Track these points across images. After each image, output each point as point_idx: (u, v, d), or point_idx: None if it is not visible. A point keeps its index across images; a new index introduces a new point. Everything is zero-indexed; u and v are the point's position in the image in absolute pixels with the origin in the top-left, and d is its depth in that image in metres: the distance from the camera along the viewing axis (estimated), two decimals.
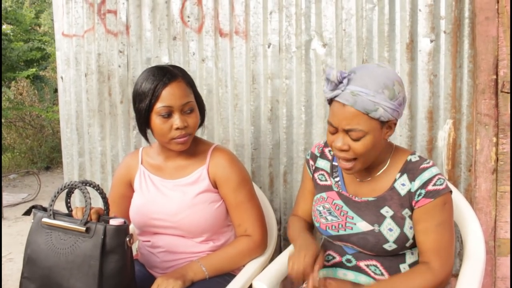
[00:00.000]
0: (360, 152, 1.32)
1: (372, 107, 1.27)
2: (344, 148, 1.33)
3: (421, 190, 1.35)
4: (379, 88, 1.28)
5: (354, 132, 1.30)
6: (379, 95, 1.27)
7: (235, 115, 2.24)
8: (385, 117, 1.29)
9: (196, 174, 1.64)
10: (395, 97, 1.29)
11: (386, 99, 1.28)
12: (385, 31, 2.01)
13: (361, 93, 1.27)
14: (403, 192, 1.38)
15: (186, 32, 2.28)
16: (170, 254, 1.65)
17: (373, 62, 2.03)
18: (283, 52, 2.15)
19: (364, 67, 1.34)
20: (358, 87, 1.28)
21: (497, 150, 1.91)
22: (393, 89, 1.29)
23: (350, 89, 1.29)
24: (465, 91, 1.96)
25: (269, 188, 2.23)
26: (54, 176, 6.79)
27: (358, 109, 1.28)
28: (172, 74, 1.54)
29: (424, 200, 1.35)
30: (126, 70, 2.39)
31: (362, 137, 1.31)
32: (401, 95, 1.31)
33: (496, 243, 1.95)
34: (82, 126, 2.50)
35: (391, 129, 1.36)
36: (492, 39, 1.86)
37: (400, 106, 1.32)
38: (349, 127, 1.30)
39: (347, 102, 1.29)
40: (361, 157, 1.34)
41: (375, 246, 1.39)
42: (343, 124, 1.31)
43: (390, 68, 1.35)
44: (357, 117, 1.29)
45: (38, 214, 1.46)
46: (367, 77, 1.29)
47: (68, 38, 2.48)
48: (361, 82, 1.29)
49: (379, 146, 1.36)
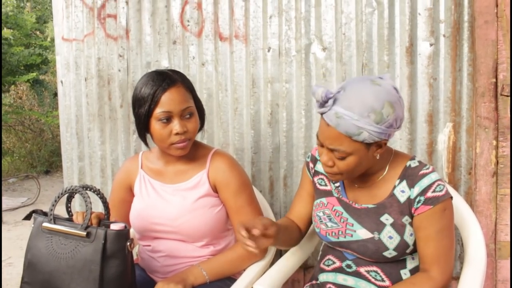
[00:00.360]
0: (344, 170, 1.33)
1: (355, 131, 1.25)
2: (329, 164, 1.34)
3: (420, 197, 1.34)
4: (364, 112, 1.23)
5: (337, 152, 1.30)
6: (364, 119, 1.23)
7: (235, 119, 2.24)
8: (370, 140, 1.26)
9: (196, 178, 1.64)
10: (382, 121, 1.24)
11: (371, 123, 1.24)
12: (385, 35, 2.01)
13: (345, 116, 1.24)
14: (403, 199, 1.37)
15: (186, 36, 2.28)
16: (170, 259, 1.65)
17: (375, 68, 2.03)
18: (283, 56, 2.15)
19: (356, 84, 1.29)
20: (342, 109, 1.24)
21: (497, 153, 1.91)
22: (381, 112, 1.24)
23: (334, 109, 1.25)
24: (465, 95, 1.97)
25: (269, 192, 2.23)
26: (54, 180, 6.78)
27: (340, 132, 1.26)
28: (171, 79, 1.54)
29: (423, 207, 1.33)
30: (126, 74, 2.39)
31: (346, 157, 1.30)
32: (391, 118, 1.26)
33: (496, 246, 1.95)
34: (82, 130, 2.50)
35: (381, 147, 1.33)
36: (491, 42, 1.87)
37: (390, 128, 1.27)
38: (332, 147, 1.30)
39: (330, 122, 1.27)
40: (345, 173, 1.35)
41: (375, 253, 1.38)
42: (327, 143, 1.31)
43: (387, 84, 1.29)
44: (340, 139, 1.27)
45: (39, 218, 1.46)
46: (354, 98, 1.25)
47: (68, 43, 2.48)
48: (347, 104, 1.25)
49: (366, 163, 1.34)
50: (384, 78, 1.31)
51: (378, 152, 1.33)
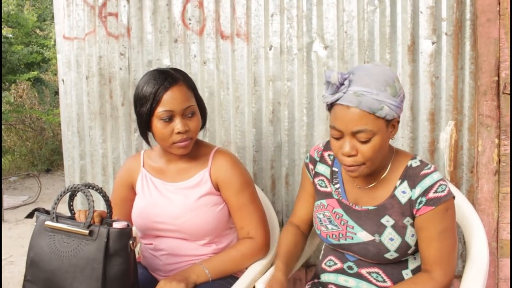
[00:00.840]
0: (369, 155, 1.28)
1: (377, 105, 1.24)
2: (353, 153, 1.29)
3: (421, 198, 1.32)
4: (381, 86, 1.25)
5: (363, 133, 1.26)
6: (382, 93, 1.25)
7: (236, 117, 2.24)
8: (390, 115, 1.26)
9: (198, 177, 1.64)
10: (397, 94, 1.28)
11: (389, 96, 1.26)
12: (387, 33, 2.01)
13: (365, 93, 1.24)
14: (404, 200, 1.35)
15: (187, 35, 2.28)
16: (172, 257, 1.65)
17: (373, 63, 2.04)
18: (284, 54, 2.15)
19: (362, 68, 1.31)
20: (360, 87, 1.25)
21: (499, 152, 1.91)
22: (395, 86, 1.27)
23: (352, 90, 1.25)
24: (467, 93, 1.96)
25: (271, 190, 2.23)
26: (55, 179, 6.78)
27: (364, 110, 1.24)
28: (173, 78, 1.54)
29: (425, 208, 1.32)
30: (127, 73, 2.39)
31: (371, 138, 1.27)
32: (402, 92, 1.31)
33: (498, 245, 1.95)
34: (83, 128, 2.50)
35: (394, 128, 1.33)
36: (493, 40, 1.87)
37: (402, 103, 1.31)
38: (357, 128, 1.25)
39: (351, 103, 1.24)
40: (369, 160, 1.29)
41: (376, 255, 1.37)
42: (350, 126, 1.26)
43: (386, 67, 1.35)
44: (364, 117, 1.25)
45: (41, 217, 1.46)
46: (367, 76, 1.26)
47: (69, 41, 2.48)
48: (363, 82, 1.25)
49: (385, 148, 1.33)
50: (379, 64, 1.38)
51: (393, 134, 1.34)
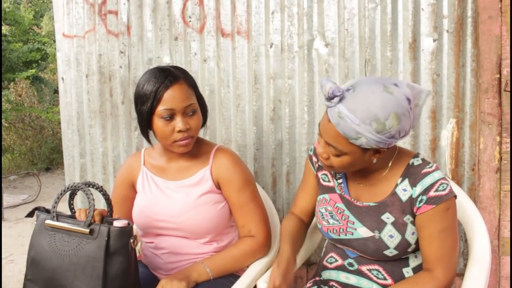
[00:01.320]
0: (337, 166, 1.34)
1: (353, 135, 1.23)
2: (324, 156, 1.35)
3: (422, 197, 1.32)
4: (367, 119, 1.20)
5: (333, 149, 1.29)
6: (364, 125, 1.20)
7: (237, 115, 2.23)
8: (367, 146, 1.25)
9: (199, 175, 1.63)
10: (383, 131, 1.21)
11: (371, 131, 1.21)
12: (388, 31, 2.00)
13: (346, 118, 1.21)
14: (405, 198, 1.35)
15: (187, 32, 2.27)
16: (173, 256, 1.64)
17: (378, 64, 2.02)
18: (285, 52, 2.14)
19: (367, 86, 1.24)
20: (346, 110, 1.21)
21: (500, 149, 1.90)
22: (384, 123, 1.20)
23: (338, 108, 1.22)
24: (468, 90, 1.95)
25: (272, 188, 2.22)
26: (54, 177, 6.78)
27: (338, 131, 1.24)
28: (174, 76, 1.53)
29: (425, 206, 1.31)
30: (128, 71, 2.38)
31: (341, 155, 1.30)
32: (394, 130, 1.22)
33: (500, 242, 1.95)
34: (83, 127, 2.50)
35: (379, 153, 1.31)
36: (495, 38, 1.86)
37: (391, 139, 1.24)
38: (330, 141, 1.29)
39: (332, 119, 1.25)
40: (339, 169, 1.36)
41: (375, 252, 1.37)
42: (325, 136, 1.31)
43: (400, 94, 1.23)
44: (337, 137, 1.26)
45: (41, 216, 1.45)
46: (361, 102, 1.21)
47: (69, 39, 2.47)
48: (352, 106, 1.21)
49: (360, 164, 1.34)
50: (399, 85, 1.25)
51: (375, 157, 1.32)
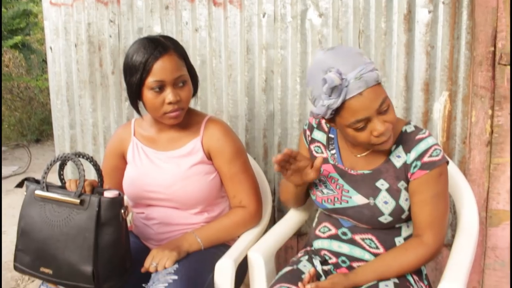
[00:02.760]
0: (394, 120, 1.29)
1: (374, 74, 1.24)
2: (386, 126, 1.27)
3: (416, 162, 1.34)
4: (360, 58, 1.25)
5: (385, 103, 1.26)
6: (368, 65, 1.24)
7: (229, 86, 2.21)
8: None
9: (190, 145, 1.62)
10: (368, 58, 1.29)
11: (368, 61, 1.26)
12: (383, 1, 1.97)
13: (361, 71, 1.22)
14: (399, 164, 1.37)
15: (178, 1, 2.22)
16: (164, 226, 1.65)
17: (372, 35, 2.00)
18: (278, 22, 2.10)
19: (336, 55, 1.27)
20: (353, 71, 1.22)
21: (492, 123, 1.91)
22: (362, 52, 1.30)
23: (350, 77, 1.22)
24: (462, 63, 1.94)
25: (263, 159, 2.22)
26: (45, 149, 6.73)
27: (372, 85, 1.23)
28: (163, 47, 1.50)
29: (420, 172, 1.33)
30: (117, 40, 2.34)
31: (390, 104, 1.28)
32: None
33: (488, 214, 1.97)
34: (72, 97, 2.46)
35: None
36: (491, 10, 1.84)
37: None
38: (379, 101, 1.25)
39: (360, 88, 1.22)
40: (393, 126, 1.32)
41: (370, 219, 1.38)
42: (374, 105, 1.24)
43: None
44: (377, 90, 1.25)
45: (31, 186, 1.44)
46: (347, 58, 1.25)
47: (57, 7, 2.41)
48: (350, 66, 1.23)
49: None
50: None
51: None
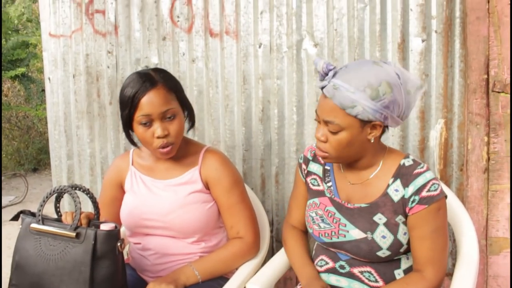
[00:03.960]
0: (334, 147, 1.33)
1: (349, 103, 1.25)
2: (322, 139, 1.34)
3: (415, 197, 1.32)
4: (361, 86, 1.25)
5: (331, 125, 1.30)
6: (359, 92, 1.24)
7: (226, 116, 2.22)
8: (364, 117, 1.26)
9: (188, 175, 1.62)
10: (378, 98, 1.25)
11: (366, 98, 1.24)
12: (377, 31, 2.00)
13: (341, 88, 1.26)
14: (397, 198, 1.35)
15: (175, 32, 2.25)
16: (161, 257, 1.63)
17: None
18: (274, 52, 2.13)
19: (358, 63, 1.33)
20: (340, 81, 1.27)
21: (488, 149, 1.91)
22: (377, 89, 1.25)
23: (333, 82, 1.28)
24: (457, 91, 1.96)
25: (261, 189, 2.21)
26: (42, 178, 6.70)
27: (335, 103, 1.27)
28: (151, 81, 1.51)
29: (418, 206, 1.32)
30: (115, 71, 2.36)
31: (339, 132, 1.30)
32: (388, 97, 1.25)
33: (488, 242, 1.96)
34: (70, 128, 2.47)
35: (375, 130, 1.32)
36: (483, 38, 1.86)
37: (386, 109, 1.26)
38: (327, 119, 1.30)
39: (328, 94, 1.29)
40: (335, 152, 1.34)
41: (368, 253, 1.37)
42: (323, 115, 1.32)
43: (389, 68, 1.29)
44: (334, 111, 1.28)
45: (27, 219, 1.43)
46: (354, 72, 1.27)
47: (56, 38, 2.44)
48: (345, 77, 1.27)
49: (358, 145, 1.33)
50: (388, 63, 1.32)
51: (372, 135, 1.32)
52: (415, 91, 1.32)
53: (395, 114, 1.29)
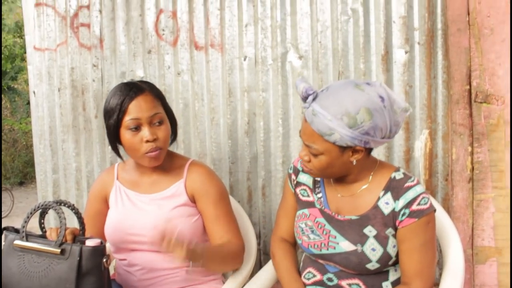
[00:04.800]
0: (317, 167, 1.35)
1: (326, 130, 1.26)
2: (305, 158, 1.37)
3: (405, 210, 1.33)
4: (338, 114, 1.25)
5: (311, 149, 1.32)
6: (336, 120, 1.25)
7: (212, 129, 2.22)
8: (342, 143, 1.27)
9: (173, 188, 1.62)
10: (355, 126, 1.24)
11: (343, 126, 1.24)
12: (361, 43, 2.02)
13: (319, 115, 1.27)
14: (387, 211, 1.35)
15: (161, 46, 2.25)
16: (148, 272, 1.61)
17: (351, 76, 2.04)
18: (259, 65, 2.14)
19: (339, 86, 1.30)
20: (319, 107, 1.27)
21: (472, 159, 1.93)
22: (355, 117, 1.24)
23: (312, 106, 1.29)
24: (440, 101, 1.99)
25: (247, 202, 2.21)
26: (28, 192, 6.64)
27: (313, 129, 1.29)
28: (138, 88, 1.55)
29: (408, 220, 1.32)
30: (101, 84, 2.35)
31: (318, 155, 1.32)
32: (367, 125, 1.25)
33: (474, 251, 1.97)
34: (56, 142, 2.45)
35: (357, 153, 1.32)
36: (464, 50, 1.90)
37: (365, 135, 1.26)
38: (307, 142, 1.33)
39: (307, 118, 1.31)
40: (318, 171, 1.37)
41: (358, 265, 1.36)
42: (304, 137, 1.34)
43: (372, 91, 1.27)
44: (313, 136, 1.30)
45: (10, 236, 1.41)
46: (332, 98, 1.27)
47: (40, 52, 2.43)
48: (324, 102, 1.27)
49: (340, 166, 1.34)
50: (372, 84, 1.30)
51: (354, 158, 1.32)
52: (400, 112, 1.32)
53: (377, 138, 1.29)
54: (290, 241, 1.61)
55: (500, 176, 1.92)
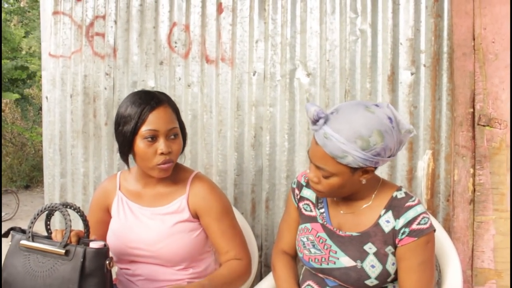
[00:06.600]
0: (327, 189, 1.36)
1: (339, 153, 1.27)
2: (315, 180, 1.37)
3: (405, 229, 1.34)
4: (351, 137, 1.25)
5: (323, 171, 1.33)
6: (350, 144, 1.25)
7: (219, 141, 2.25)
8: (355, 164, 1.28)
9: (176, 204, 1.62)
10: (369, 148, 1.26)
11: (357, 149, 1.25)
12: (368, 63, 2.06)
13: (332, 138, 1.26)
14: (387, 229, 1.37)
15: (172, 57, 2.30)
16: (149, 282, 1.62)
17: (357, 95, 2.07)
18: (267, 80, 2.18)
19: (349, 108, 1.30)
20: (331, 130, 1.27)
21: (474, 181, 1.95)
22: (368, 140, 1.25)
23: (324, 129, 1.28)
24: (444, 123, 2.01)
25: (251, 214, 2.23)
26: (34, 196, 6.67)
27: (326, 152, 1.29)
28: (159, 99, 1.54)
29: (407, 238, 1.34)
30: (112, 93, 2.40)
31: (330, 177, 1.33)
32: (379, 146, 1.26)
33: (473, 273, 1.98)
34: (65, 146, 2.49)
35: (367, 173, 1.34)
36: (468, 73, 1.93)
37: (377, 156, 1.28)
38: (318, 164, 1.33)
39: (319, 141, 1.30)
40: (328, 192, 1.38)
41: (357, 281, 1.38)
42: (314, 160, 1.34)
43: (381, 113, 1.29)
44: (325, 158, 1.30)
45: (17, 236, 1.43)
46: (345, 122, 1.27)
47: (55, 59, 2.48)
48: (336, 126, 1.27)
49: (350, 186, 1.36)
50: (380, 106, 1.32)
51: (364, 177, 1.34)
52: (404, 133, 1.34)
53: (386, 157, 1.31)
54: (291, 254, 1.63)
55: (501, 199, 1.93)
